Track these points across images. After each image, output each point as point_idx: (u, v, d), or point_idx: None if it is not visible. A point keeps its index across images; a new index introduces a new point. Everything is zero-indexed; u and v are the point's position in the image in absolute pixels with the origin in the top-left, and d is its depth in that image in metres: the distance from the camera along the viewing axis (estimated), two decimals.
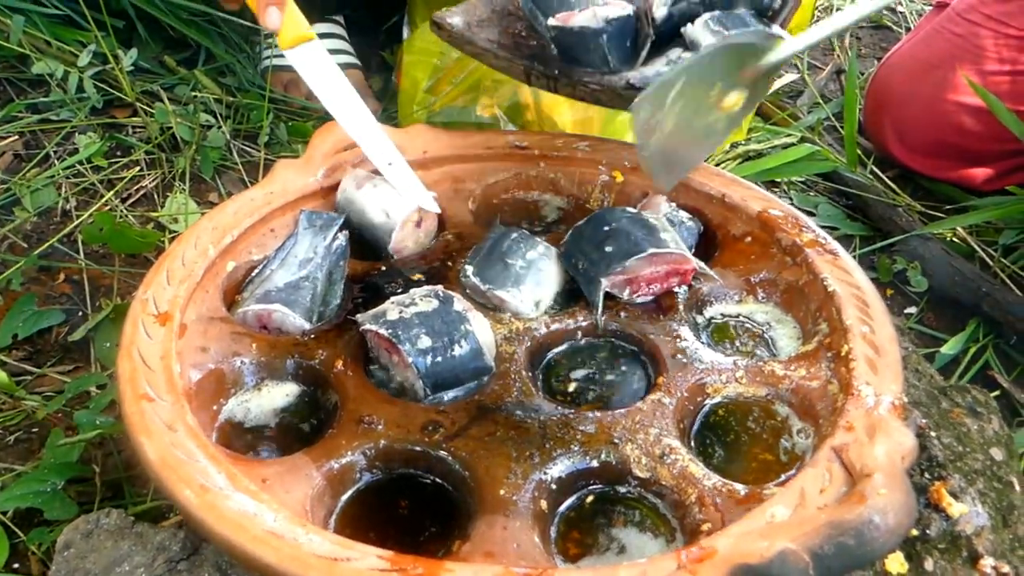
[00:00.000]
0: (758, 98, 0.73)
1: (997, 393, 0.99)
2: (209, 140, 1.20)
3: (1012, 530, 0.66)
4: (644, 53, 0.83)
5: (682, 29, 0.82)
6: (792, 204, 1.23)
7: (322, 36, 1.34)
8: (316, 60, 0.84)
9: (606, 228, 0.76)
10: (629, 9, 0.83)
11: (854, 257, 1.16)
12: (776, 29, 0.83)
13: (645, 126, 0.66)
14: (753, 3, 0.85)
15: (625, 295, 0.75)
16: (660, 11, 0.82)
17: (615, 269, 0.73)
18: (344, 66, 1.34)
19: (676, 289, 0.77)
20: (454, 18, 0.91)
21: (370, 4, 1.45)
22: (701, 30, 0.81)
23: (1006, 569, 0.63)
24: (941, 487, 0.66)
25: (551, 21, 0.84)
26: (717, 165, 1.25)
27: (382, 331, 0.66)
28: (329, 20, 1.36)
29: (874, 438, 0.57)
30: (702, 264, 0.76)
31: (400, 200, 0.81)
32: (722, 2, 0.84)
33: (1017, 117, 1.16)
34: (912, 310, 1.12)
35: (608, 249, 0.74)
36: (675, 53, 0.83)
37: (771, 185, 1.29)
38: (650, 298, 0.76)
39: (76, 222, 1.10)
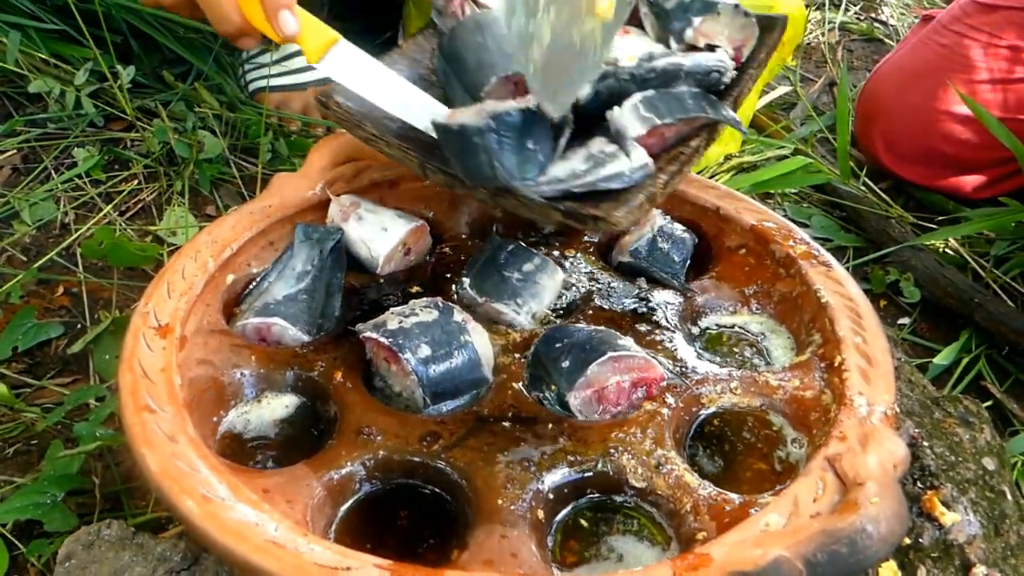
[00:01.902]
0: (626, 6, 0.65)
1: (990, 403, 1.00)
2: (207, 152, 1.21)
3: (1004, 539, 0.67)
4: (562, 143, 0.68)
5: (607, 113, 0.68)
6: (786, 216, 1.25)
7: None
8: (352, 62, 0.73)
9: (558, 345, 0.69)
10: (529, 102, 0.65)
11: (848, 268, 1.18)
12: (724, 111, 0.72)
13: (521, 34, 0.62)
14: (698, 80, 0.73)
15: (596, 414, 0.67)
16: (583, 90, 0.69)
17: (578, 381, 0.65)
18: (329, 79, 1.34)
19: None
20: (343, 95, 0.76)
21: (365, 16, 1.46)
22: (629, 115, 0.68)
23: None
24: (934, 496, 0.67)
25: (436, 119, 0.68)
26: (711, 177, 1.26)
27: (383, 340, 0.66)
28: None
29: (867, 447, 0.58)
30: (670, 373, 0.70)
31: (382, 236, 0.80)
32: (659, 79, 0.71)
33: (1004, 126, 1.18)
34: (905, 321, 1.13)
35: (565, 364, 0.67)
36: (596, 145, 0.68)
37: (765, 197, 1.31)
38: (622, 410, 0.67)
39: (75, 235, 1.11)
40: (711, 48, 0.77)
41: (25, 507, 0.78)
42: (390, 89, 0.73)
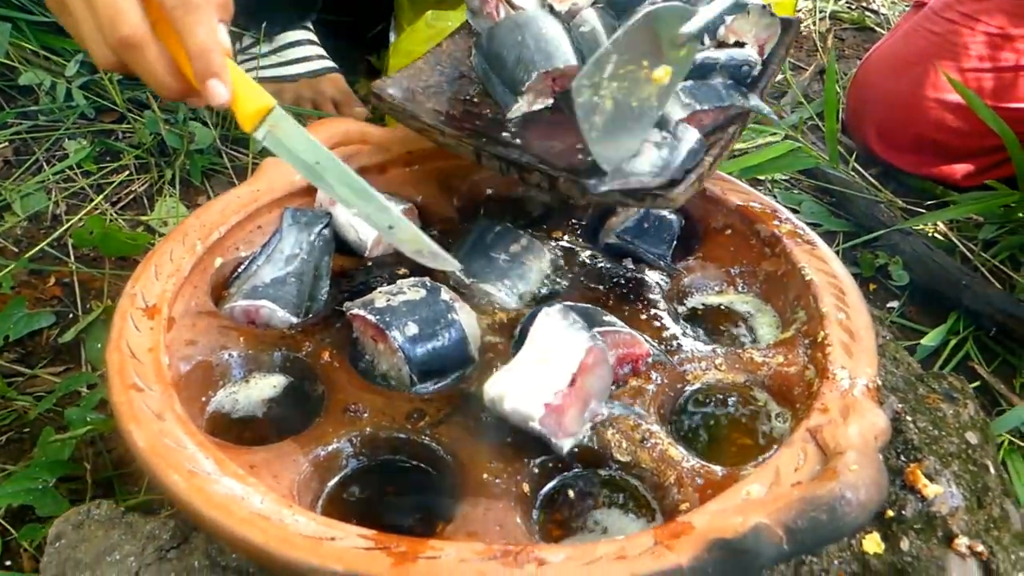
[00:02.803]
0: (684, 70, 0.71)
1: (977, 384, 1.00)
2: (198, 143, 1.21)
3: (987, 511, 0.68)
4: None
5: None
6: (776, 202, 1.25)
7: (295, 44, 1.35)
8: (288, 132, 0.66)
9: None
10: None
11: (837, 253, 1.18)
12: (754, 99, 0.80)
13: (587, 108, 0.67)
14: (731, 73, 0.81)
15: None
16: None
17: None
18: (323, 70, 1.35)
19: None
20: (394, 88, 0.82)
21: (356, 10, 1.47)
22: (672, 103, 0.75)
23: (980, 548, 0.64)
24: (916, 469, 0.67)
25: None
26: None
27: (370, 317, 0.67)
28: (301, 27, 1.37)
29: (848, 419, 0.59)
30: (656, 350, 0.70)
31: None
32: (697, 71, 0.78)
33: (996, 113, 1.18)
34: (894, 304, 1.13)
35: None
36: (655, 135, 0.73)
37: (755, 183, 1.31)
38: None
39: (66, 226, 1.12)
40: (740, 44, 0.83)
41: (17, 493, 0.78)
42: (322, 162, 0.66)
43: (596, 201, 0.75)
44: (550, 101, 0.83)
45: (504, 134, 0.79)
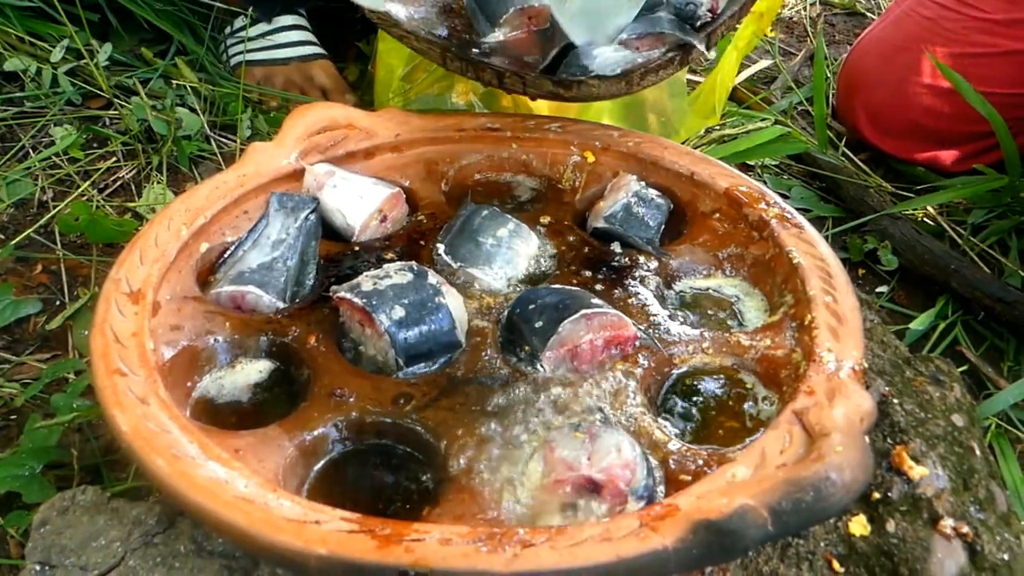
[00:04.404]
0: None
1: (965, 367, 1.01)
2: (185, 129, 1.21)
3: (972, 493, 0.68)
4: (554, 51, 0.85)
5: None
6: (765, 186, 1.25)
7: (288, 28, 1.35)
8: None
9: (532, 307, 0.69)
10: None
11: (827, 238, 1.18)
12: (692, 33, 0.86)
13: None
14: (677, 10, 0.87)
15: (569, 373, 0.67)
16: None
17: (551, 339, 0.66)
18: (312, 56, 1.34)
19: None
20: (390, 4, 0.93)
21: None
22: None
23: (965, 530, 0.64)
24: (902, 451, 0.67)
25: None
26: (696, 148, 1.26)
27: (356, 301, 0.67)
28: (294, 12, 1.37)
29: (834, 401, 0.59)
30: (643, 334, 0.70)
31: (358, 203, 0.81)
32: (644, 4, 0.85)
33: (985, 99, 1.18)
34: (883, 288, 1.13)
35: (539, 324, 0.68)
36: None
37: (745, 168, 1.31)
38: (595, 369, 0.68)
39: (53, 213, 1.11)
40: None
41: (3, 479, 0.78)
42: None
43: (534, 92, 0.88)
44: (523, 36, 0.91)
45: (474, 50, 0.90)
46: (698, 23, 0.88)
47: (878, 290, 1.14)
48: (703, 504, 0.52)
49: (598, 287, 0.76)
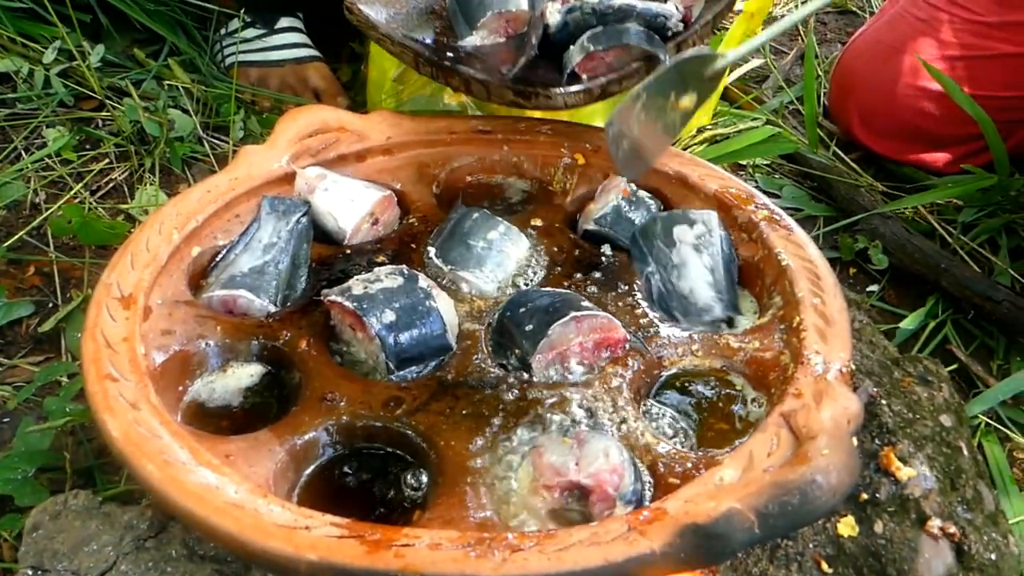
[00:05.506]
0: (707, 95, 0.79)
1: (955, 366, 1.01)
2: (178, 130, 1.21)
3: (960, 493, 0.69)
4: (523, 60, 0.86)
5: (564, 55, 0.86)
6: (757, 187, 1.25)
7: (284, 30, 1.35)
8: None
9: (522, 310, 0.70)
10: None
11: (818, 237, 1.19)
12: (658, 42, 0.85)
13: (616, 137, 0.75)
14: (647, 22, 0.86)
15: (559, 376, 0.68)
16: (554, 18, 0.86)
17: (541, 342, 0.66)
18: (307, 58, 1.34)
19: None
20: (366, 5, 0.93)
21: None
22: (575, 49, 0.84)
23: (952, 530, 0.65)
24: (890, 452, 0.68)
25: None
26: (684, 149, 1.27)
27: (348, 304, 0.67)
28: (291, 14, 1.37)
29: (821, 403, 0.59)
30: (633, 337, 0.70)
31: (349, 207, 0.81)
32: (615, 15, 0.85)
33: (977, 102, 1.18)
34: (874, 288, 1.14)
35: (529, 327, 0.68)
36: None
37: (737, 168, 1.31)
38: (585, 372, 0.68)
39: (46, 214, 1.11)
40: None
41: None
42: None
43: (497, 100, 0.87)
44: (502, 39, 0.93)
45: (449, 54, 0.90)
46: (669, 33, 0.88)
47: (869, 289, 1.14)
48: (691, 508, 0.52)
49: (588, 289, 0.76)
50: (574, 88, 0.85)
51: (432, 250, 0.78)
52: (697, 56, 0.76)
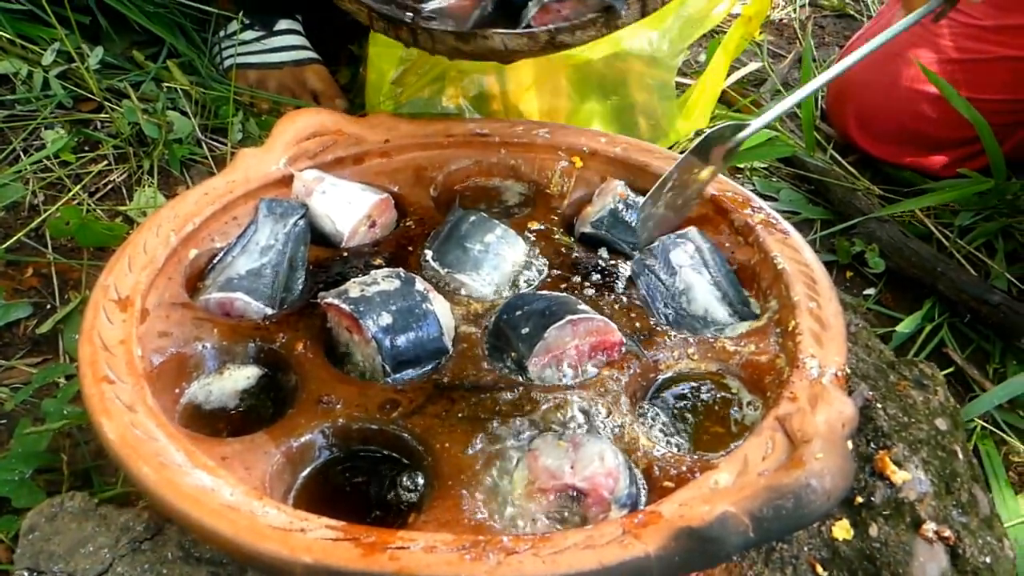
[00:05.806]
0: (723, 169, 0.83)
1: (951, 370, 1.01)
2: (176, 132, 1.21)
3: (955, 496, 0.69)
4: (476, 13, 0.85)
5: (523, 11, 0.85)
6: (754, 190, 1.26)
7: (283, 32, 1.35)
8: None
9: (518, 313, 0.70)
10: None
11: (815, 240, 1.19)
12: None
13: (646, 219, 0.81)
14: None
15: (555, 379, 0.68)
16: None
17: (537, 345, 0.67)
18: (306, 61, 1.35)
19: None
20: None
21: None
22: (532, 6, 0.83)
23: (947, 533, 0.65)
24: (885, 456, 0.68)
25: None
26: (681, 152, 1.27)
27: (344, 307, 0.67)
28: (290, 17, 1.37)
29: (816, 407, 0.59)
30: (628, 340, 0.71)
31: (347, 209, 0.81)
32: None
33: (973, 105, 1.18)
34: (870, 291, 1.14)
35: (525, 330, 0.68)
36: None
37: (734, 171, 1.31)
38: (581, 375, 0.69)
39: (44, 216, 1.11)
40: None
41: None
42: None
43: (441, 48, 0.85)
44: (466, 1, 0.89)
45: (408, 13, 0.87)
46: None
47: (865, 292, 1.14)
48: (685, 511, 0.52)
49: (585, 292, 0.76)
50: (516, 31, 0.83)
51: (429, 253, 0.78)
52: (724, 127, 0.80)
